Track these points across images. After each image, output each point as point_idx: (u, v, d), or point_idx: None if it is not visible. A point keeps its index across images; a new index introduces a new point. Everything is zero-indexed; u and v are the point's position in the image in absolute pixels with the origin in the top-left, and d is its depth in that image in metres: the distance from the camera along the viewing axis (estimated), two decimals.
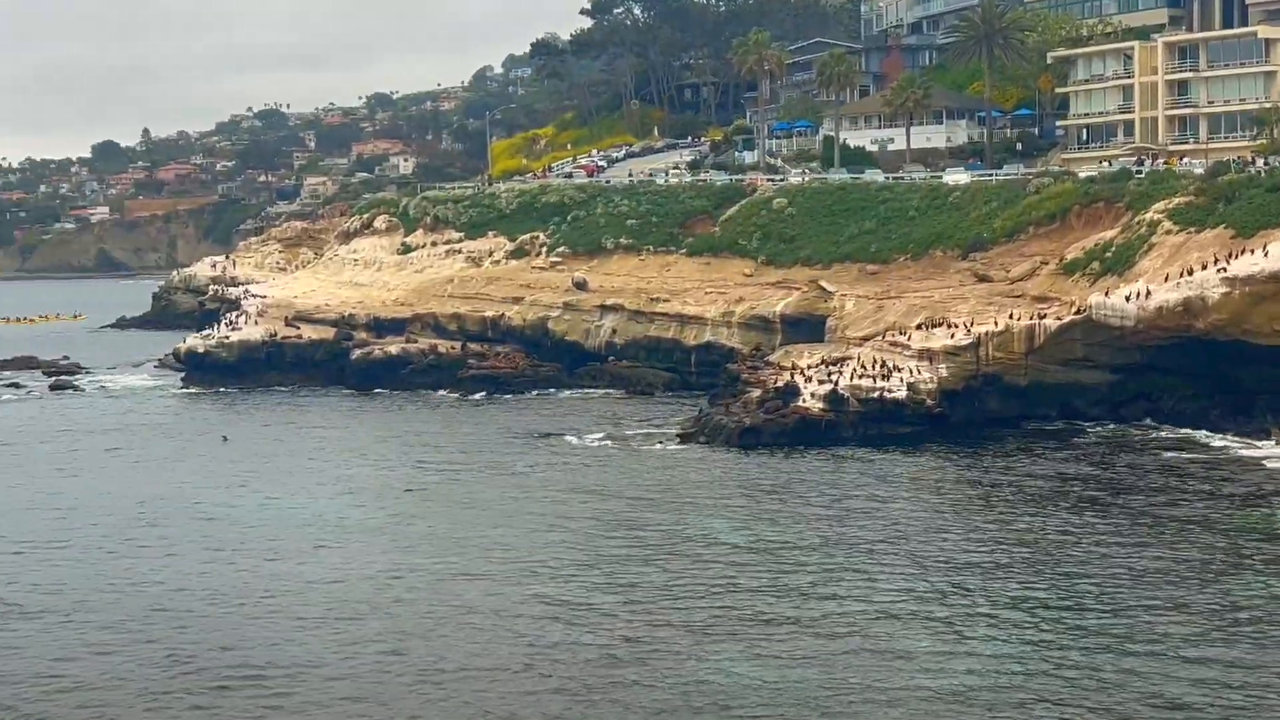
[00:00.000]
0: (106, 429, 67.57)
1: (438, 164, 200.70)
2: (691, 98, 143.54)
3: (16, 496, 50.86)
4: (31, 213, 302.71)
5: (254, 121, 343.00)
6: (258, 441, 62.91)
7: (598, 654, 31.65)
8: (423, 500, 49.40)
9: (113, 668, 31.28)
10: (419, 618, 34.69)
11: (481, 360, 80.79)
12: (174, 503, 49.24)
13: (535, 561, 39.92)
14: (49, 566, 40.43)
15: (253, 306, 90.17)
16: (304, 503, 48.93)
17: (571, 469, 54.54)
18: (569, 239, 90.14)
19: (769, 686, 29.50)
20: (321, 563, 40.32)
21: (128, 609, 35.79)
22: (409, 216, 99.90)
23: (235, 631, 33.69)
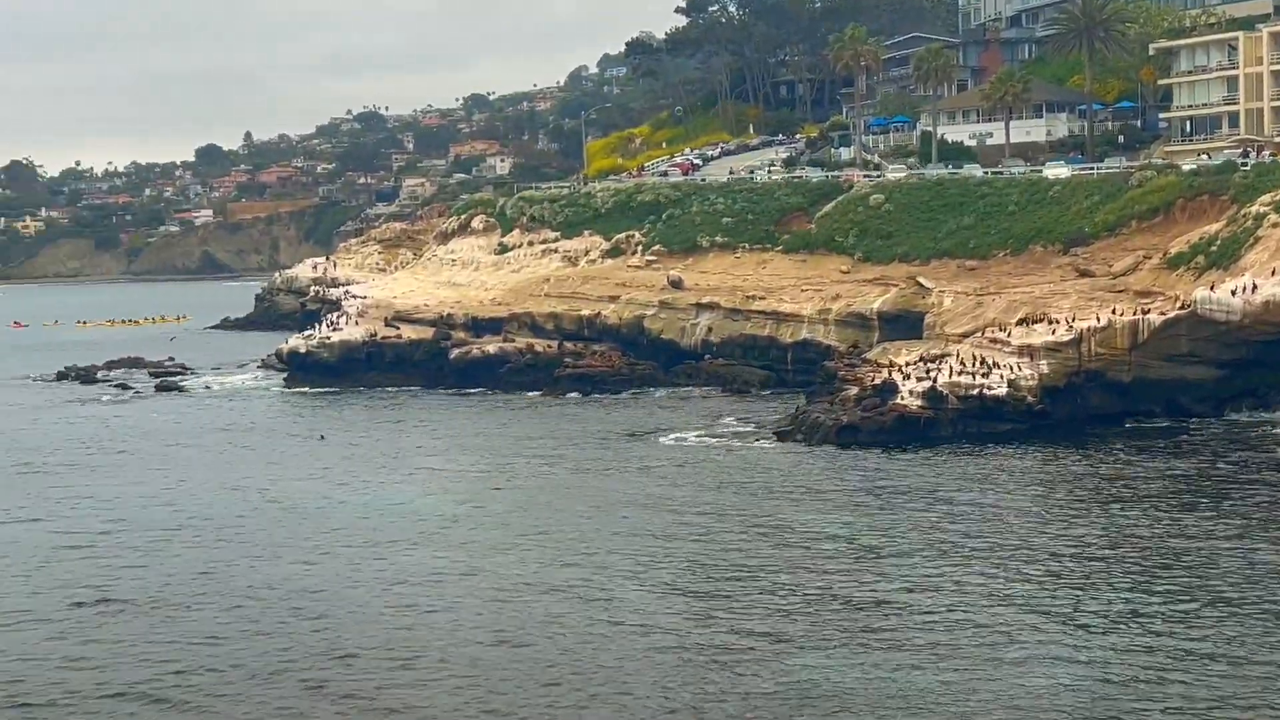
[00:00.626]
0: (210, 428, 68.63)
1: (534, 164, 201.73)
2: (787, 94, 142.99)
3: (125, 495, 51.78)
4: (137, 216, 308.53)
5: (353, 124, 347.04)
6: (357, 440, 63.57)
7: (694, 652, 31.56)
8: (518, 498, 49.60)
9: (221, 661, 31.66)
10: (516, 613, 34.81)
11: (578, 359, 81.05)
12: (273, 500, 49.87)
13: (632, 558, 39.93)
14: (157, 562, 41.05)
15: (353, 307, 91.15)
16: (400, 500, 49.31)
17: (668, 467, 54.54)
18: (664, 238, 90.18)
19: (869, 686, 29.29)
20: (419, 559, 40.59)
21: (232, 604, 36.23)
22: (506, 216, 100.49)
23: (334, 626, 34.01)
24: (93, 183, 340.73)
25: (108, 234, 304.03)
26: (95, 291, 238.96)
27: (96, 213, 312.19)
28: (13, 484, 54.74)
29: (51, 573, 40.21)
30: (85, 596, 37.44)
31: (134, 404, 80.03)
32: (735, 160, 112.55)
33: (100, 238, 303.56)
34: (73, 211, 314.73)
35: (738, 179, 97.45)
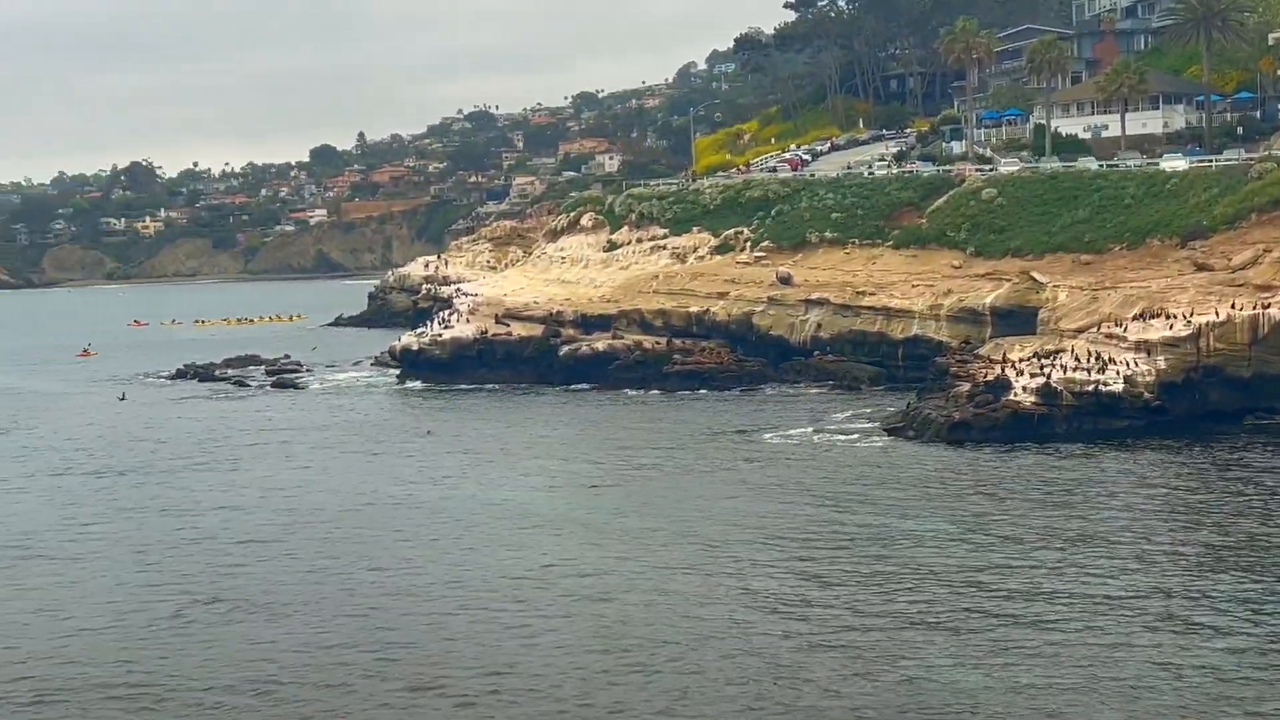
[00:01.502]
0: (325, 425, 69.58)
1: (642, 161, 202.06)
2: (897, 88, 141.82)
3: (244, 490, 52.65)
4: (253, 216, 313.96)
5: (464, 123, 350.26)
6: (466, 437, 64.08)
7: (805, 651, 31.36)
8: (626, 495, 49.67)
9: (325, 658, 32.02)
10: (624, 610, 34.85)
11: (686, 356, 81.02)
12: (380, 497, 50.38)
13: (744, 555, 39.82)
14: (268, 559, 41.64)
15: (464, 305, 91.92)
16: (507, 497, 49.59)
17: (778, 464, 54.34)
18: (773, 233, 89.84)
19: (984, 684, 28.94)
20: (526, 557, 40.76)
21: (344, 600, 36.63)
22: (614, 214, 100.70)
23: (445, 622, 34.27)
24: (210, 183, 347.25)
25: (225, 234, 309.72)
26: (212, 291, 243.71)
27: (214, 213, 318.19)
28: (130, 481, 55.85)
29: (164, 569, 40.88)
30: (197, 593, 37.94)
31: (250, 401, 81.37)
32: (845, 155, 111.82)
33: (218, 238, 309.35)
34: (191, 212, 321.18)
35: (847, 174, 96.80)
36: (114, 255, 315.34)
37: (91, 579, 39.76)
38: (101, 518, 48.37)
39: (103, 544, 44.13)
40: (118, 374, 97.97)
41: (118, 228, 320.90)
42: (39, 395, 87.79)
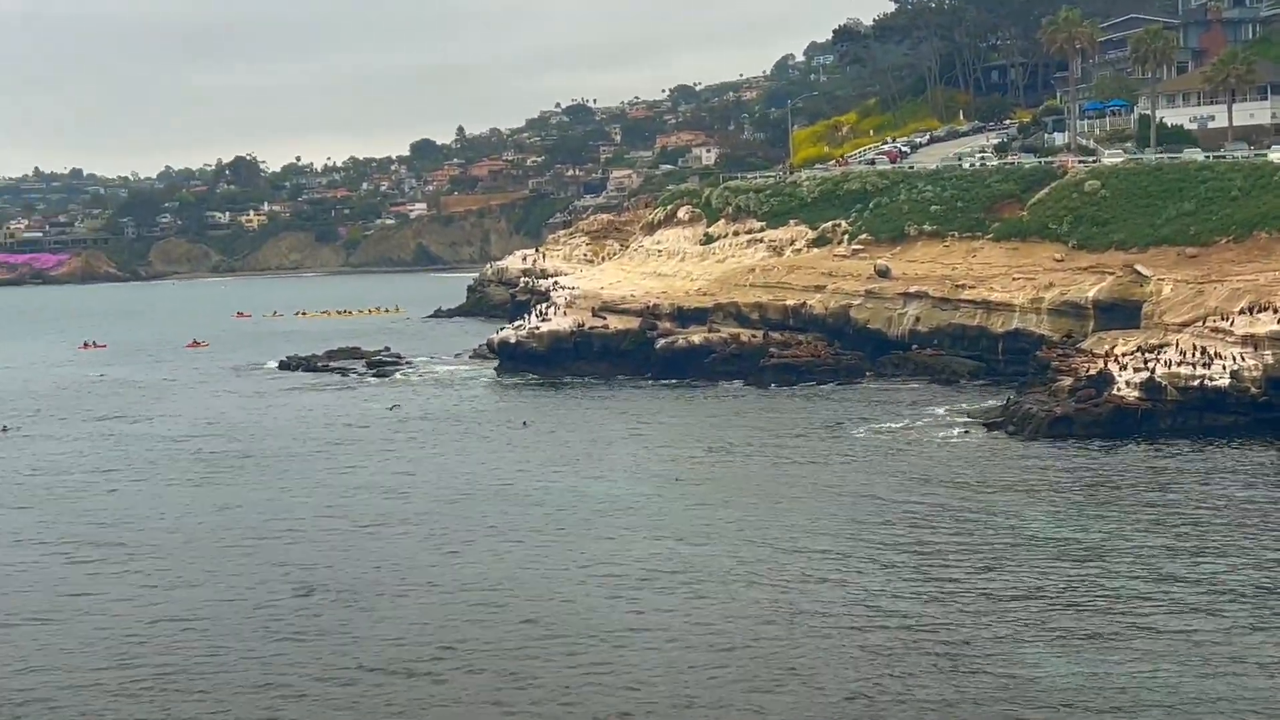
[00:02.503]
0: (423, 416, 70.21)
1: (739, 154, 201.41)
2: (998, 79, 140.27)
3: (344, 480, 53.27)
4: (355, 210, 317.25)
5: (562, 117, 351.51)
6: (565, 428, 64.33)
7: (902, 646, 31.14)
8: (721, 488, 49.60)
9: (419, 650, 32.30)
10: (719, 604, 34.81)
11: (783, 349, 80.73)
12: (479, 486, 50.72)
13: (841, 551, 39.62)
14: (369, 548, 42.09)
15: (561, 298, 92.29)
16: (603, 488, 49.69)
17: (874, 459, 54.01)
18: (871, 226, 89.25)
19: (1090, 683, 28.55)
20: (619, 549, 40.84)
21: (435, 590, 36.91)
22: (711, 207, 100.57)
23: (538, 613, 34.43)
24: (313, 177, 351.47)
25: (327, 227, 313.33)
26: (314, 283, 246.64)
27: (316, 207, 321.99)
28: (232, 471, 56.71)
29: (260, 557, 41.42)
30: (294, 581, 38.40)
31: (350, 392, 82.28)
32: (945, 147, 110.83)
33: (319, 231, 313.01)
34: (294, 205, 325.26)
35: (947, 166, 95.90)
36: (219, 248, 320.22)
37: (193, 566, 40.39)
38: (204, 505, 49.15)
39: (205, 531, 44.83)
40: (226, 364, 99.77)
41: (222, 221, 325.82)
42: (149, 386, 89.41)
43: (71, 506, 50.29)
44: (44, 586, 38.95)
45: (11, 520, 48.18)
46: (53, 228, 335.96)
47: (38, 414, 76.75)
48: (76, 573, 40.24)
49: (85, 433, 69.30)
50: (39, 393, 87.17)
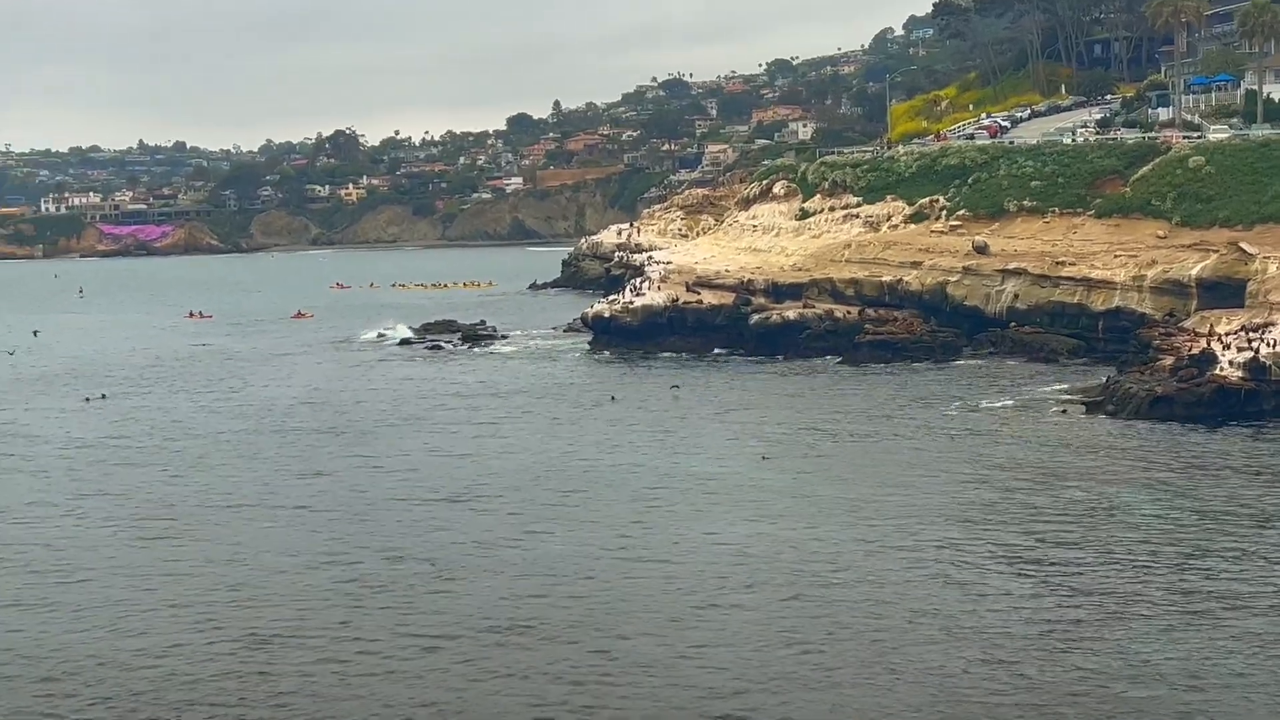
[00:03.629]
0: (515, 390, 70.57)
1: (836, 129, 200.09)
2: (1101, 53, 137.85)
3: (433, 452, 53.68)
4: (452, 184, 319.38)
5: (658, 91, 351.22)
6: (656, 404, 64.35)
7: (1002, 630, 30.78)
8: (814, 466, 49.36)
9: (502, 629, 32.47)
10: (815, 584, 34.69)
11: (879, 325, 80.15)
12: (566, 461, 50.85)
13: (935, 532, 39.31)
14: (458, 519, 42.37)
15: (656, 273, 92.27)
16: (692, 465, 49.62)
17: (970, 437, 53.51)
18: (969, 202, 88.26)
19: (1196, 667, 28.11)
20: (710, 525, 40.79)
21: (520, 564, 37.06)
22: (807, 182, 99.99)
23: (624, 590, 34.49)
24: (411, 152, 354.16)
25: (424, 201, 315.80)
26: (411, 256, 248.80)
27: (414, 180, 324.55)
28: (324, 440, 57.33)
29: (352, 526, 41.80)
30: (383, 550, 38.68)
31: (445, 365, 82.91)
32: (1045, 122, 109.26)
33: (417, 205, 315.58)
34: (392, 179, 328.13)
35: (1048, 141, 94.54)
36: (318, 221, 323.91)
37: (286, 532, 40.92)
38: (295, 473, 49.78)
39: (300, 499, 45.38)
40: (327, 335, 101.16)
41: (322, 194, 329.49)
42: (251, 355, 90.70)
43: (163, 472, 51.14)
44: (130, 550, 39.59)
45: (99, 484, 49.09)
46: (157, 200, 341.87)
47: (138, 381, 78.22)
48: (165, 537, 40.86)
49: (181, 400, 70.49)
50: (141, 362, 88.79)
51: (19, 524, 43.31)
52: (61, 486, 49.02)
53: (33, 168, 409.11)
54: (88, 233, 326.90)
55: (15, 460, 54.69)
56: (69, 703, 27.75)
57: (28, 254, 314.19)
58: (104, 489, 48.40)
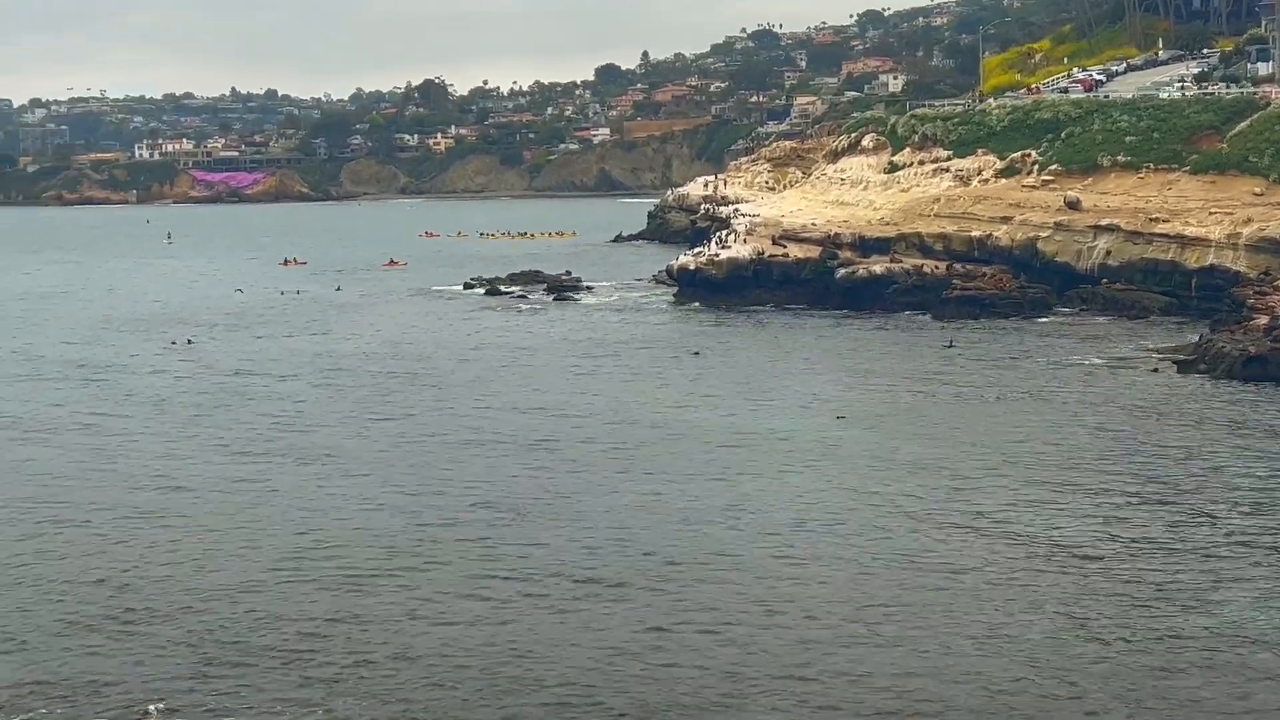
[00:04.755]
0: (600, 341, 70.68)
1: (927, 81, 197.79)
2: (1200, 6, 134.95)
3: (515, 402, 53.88)
4: (539, 134, 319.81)
5: (747, 42, 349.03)
6: (740, 358, 64.19)
7: (1093, 596, 30.29)
8: (898, 424, 48.99)
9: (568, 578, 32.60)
10: (900, 547, 34.48)
11: (967, 281, 79.35)
12: (646, 414, 50.80)
13: (1021, 492, 38.93)
14: (538, 469, 42.56)
15: (742, 225, 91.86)
16: (774, 421, 49.44)
17: (1059, 395, 52.88)
18: (1062, 157, 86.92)
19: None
20: (794, 483, 40.68)
21: (598, 516, 37.16)
22: (897, 135, 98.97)
23: (707, 545, 34.49)
24: (499, 102, 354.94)
25: (512, 151, 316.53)
26: (498, 206, 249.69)
27: (502, 130, 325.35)
28: (408, 386, 57.76)
29: (433, 472, 42.00)
30: (462, 496, 38.96)
31: (530, 315, 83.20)
32: (1142, 76, 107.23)
33: (505, 155, 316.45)
34: (480, 130, 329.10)
35: (1144, 95, 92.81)
36: (407, 170, 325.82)
37: (368, 477, 41.27)
38: (377, 418, 50.19)
39: (384, 444, 45.76)
40: (417, 284, 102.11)
41: (411, 144, 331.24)
42: (342, 302, 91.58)
43: (247, 415, 51.78)
44: (214, 490, 40.07)
45: (183, 427, 49.79)
46: (248, 147, 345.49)
47: (226, 326, 79.27)
48: (248, 479, 41.35)
49: (268, 344, 71.36)
50: (230, 307, 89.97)
51: (110, 463, 44.06)
52: (150, 429, 49.77)
53: (127, 114, 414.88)
54: (181, 179, 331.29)
55: (106, 404, 55.61)
56: (148, 639, 28.20)
57: (122, 199, 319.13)
58: (187, 432, 49.09)
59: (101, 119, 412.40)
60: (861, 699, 24.85)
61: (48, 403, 55.89)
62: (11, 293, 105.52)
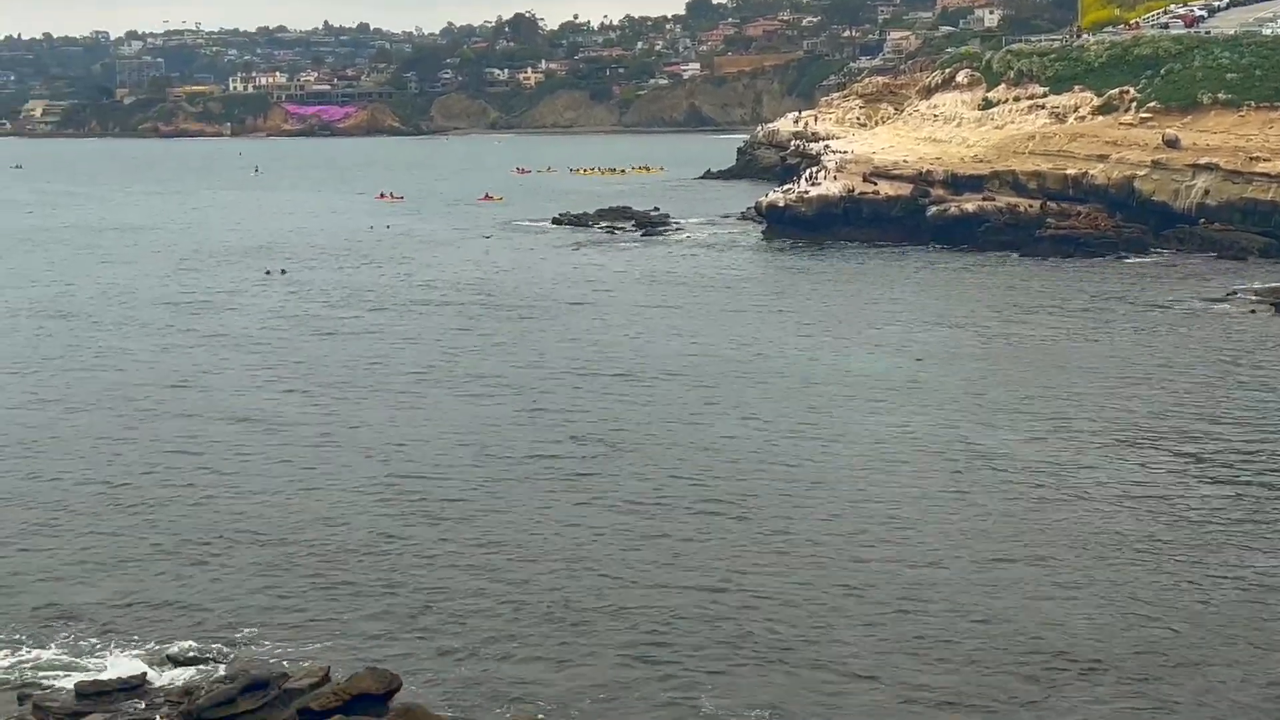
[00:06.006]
0: (688, 277, 70.52)
1: (1024, 16, 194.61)
2: None
3: (602, 337, 53.97)
4: (629, 69, 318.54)
5: None
6: (828, 296, 63.87)
7: (1188, 550, 29.86)
8: (989, 365, 48.58)
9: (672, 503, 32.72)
10: (985, 486, 34.28)
11: (1061, 220, 78.28)
12: (732, 350, 50.73)
13: (1108, 436, 38.42)
14: (624, 403, 42.66)
15: (832, 162, 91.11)
16: (862, 361, 49.17)
17: (1156, 335, 52.13)
18: (1161, 94, 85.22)
19: None
20: (883, 419, 40.48)
21: (681, 450, 37.23)
22: (992, 71, 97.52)
23: (801, 476, 34.47)
24: (589, 36, 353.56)
25: (601, 87, 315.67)
26: (588, 142, 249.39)
27: (592, 65, 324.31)
28: (494, 319, 58.02)
29: (519, 404, 42.27)
30: (547, 431, 39.23)
31: (619, 251, 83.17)
32: (1245, 12, 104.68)
33: (594, 90, 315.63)
34: (570, 64, 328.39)
35: (1247, 31, 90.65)
36: (497, 105, 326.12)
37: (457, 406, 41.59)
38: (475, 351, 50.52)
39: (474, 374, 46.08)
40: (509, 218, 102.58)
41: (501, 78, 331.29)
42: (435, 236, 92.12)
43: (338, 344, 52.31)
44: (302, 417, 40.52)
45: (277, 358, 50.38)
46: (340, 81, 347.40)
47: (319, 257, 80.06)
48: (336, 410, 41.81)
49: (361, 275, 72.02)
50: (324, 239, 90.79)
51: (204, 392, 44.76)
52: (242, 360, 50.45)
53: (221, 46, 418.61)
54: (274, 112, 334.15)
55: (201, 333, 56.41)
56: (238, 565, 28.73)
57: (216, 131, 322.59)
58: (281, 361, 49.68)
59: (196, 52, 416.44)
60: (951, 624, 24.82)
61: (146, 332, 56.78)
62: (107, 224, 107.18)
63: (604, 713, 22.04)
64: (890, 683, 22.88)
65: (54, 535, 30.69)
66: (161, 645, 24.51)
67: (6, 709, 22.23)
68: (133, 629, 25.37)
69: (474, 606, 26.27)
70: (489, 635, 24.94)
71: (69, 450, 37.77)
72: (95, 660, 24.02)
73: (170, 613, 26.21)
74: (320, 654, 23.98)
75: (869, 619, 25.46)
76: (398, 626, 25.40)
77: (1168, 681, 22.98)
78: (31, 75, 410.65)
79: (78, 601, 26.69)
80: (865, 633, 24.87)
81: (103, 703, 22.15)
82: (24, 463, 36.61)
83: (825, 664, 23.60)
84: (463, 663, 23.87)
